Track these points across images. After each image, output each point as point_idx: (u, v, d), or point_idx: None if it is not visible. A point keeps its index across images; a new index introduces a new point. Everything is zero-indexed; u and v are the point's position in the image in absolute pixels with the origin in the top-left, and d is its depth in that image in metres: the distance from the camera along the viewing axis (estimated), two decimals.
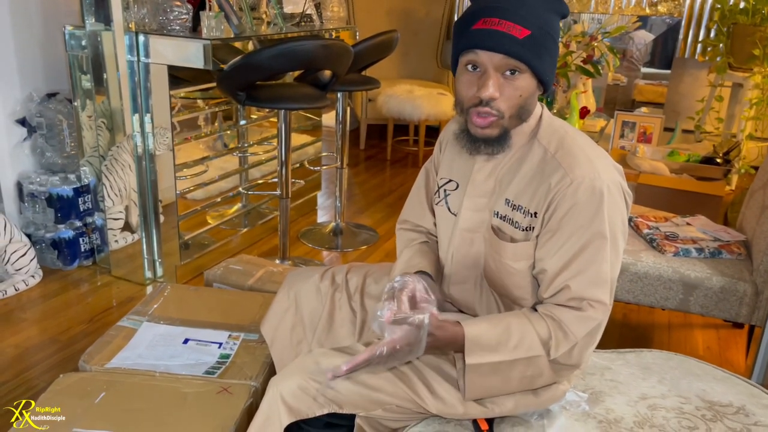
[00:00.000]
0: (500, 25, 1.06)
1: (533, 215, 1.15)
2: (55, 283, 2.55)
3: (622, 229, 1.15)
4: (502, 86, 1.10)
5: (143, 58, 2.31)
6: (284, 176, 2.58)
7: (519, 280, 1.20)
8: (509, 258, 1.19)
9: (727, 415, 1.24)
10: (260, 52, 2.21)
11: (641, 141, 3.86)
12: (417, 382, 1.18)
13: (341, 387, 1.17)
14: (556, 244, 1.13)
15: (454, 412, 1.18)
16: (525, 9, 1.07)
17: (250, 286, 2.15)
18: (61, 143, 2.62)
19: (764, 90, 3.57)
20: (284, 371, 1.21)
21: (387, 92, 4.42)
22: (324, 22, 3.03)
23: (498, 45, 1.06)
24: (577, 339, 1.11)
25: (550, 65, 1.12)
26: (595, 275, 1.11)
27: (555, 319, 1.12)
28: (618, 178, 1.15)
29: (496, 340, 1.11)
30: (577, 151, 1.14)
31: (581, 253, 1.11)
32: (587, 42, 3.38)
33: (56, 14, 2.62)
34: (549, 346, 1.11)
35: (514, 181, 1.19)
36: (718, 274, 1.89)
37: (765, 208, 1.98)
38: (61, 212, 2.57)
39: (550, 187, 1.12)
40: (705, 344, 2.30)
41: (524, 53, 1.07)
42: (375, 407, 1.19)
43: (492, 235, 1.21)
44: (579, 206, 1.10)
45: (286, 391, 1.16)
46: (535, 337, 1.11)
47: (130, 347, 1.69)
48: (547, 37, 1.09)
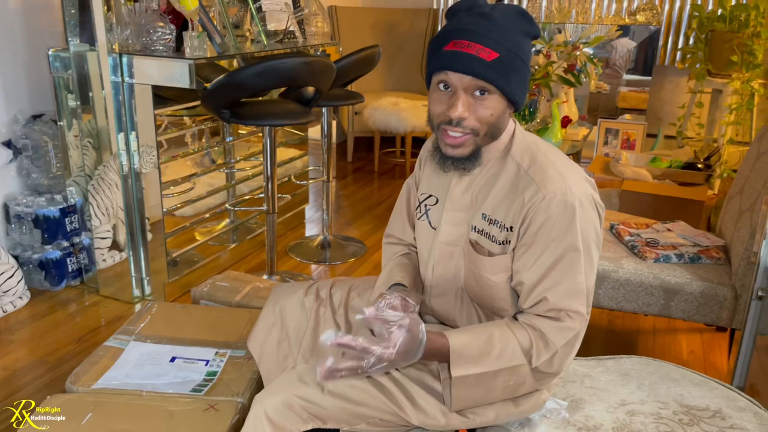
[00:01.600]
0: (469, 47, 1.10)
1: (509, 229, 1.18)
2: (43, 304, 2.56)
3: (596, 240, 1.18)
4: (472, 106, 1.13)
5: (127, 78, 2.33)
6: (270, 191, 2.60)
7: (498, 292, 1.23)
8: (487, 271, 1.21)
9: (704, 419, 1.27)
10: (243, 70, 2.23)
11: (625, 147, 3.91)
12: (399, 395, 1.20)
13: (324, 402, 1.18)
14: (531, 257, 1.15)
15: (436, 423, 1.20)
16: (495, 32, 1.11)
17: (237, 303, 2.16)
18: (47, 164, 2.63)
19: (743, 95, 3.63)
20: (268, 388, 1.22)
21: (373, 105, 4.46)
22: (307, 38, 3.06)
23: (467, 67, 1.10)
24: (557, 348, 1.14)
25: (519, 86, 1.15)
26: (570, 287, 1.14)
27: (536, 329, 1.15)
28: (590, 191, 1.19)
29: (479, 351, 1.13)
30: (548, 166, 1.17)
31: (556, 266, 1.14)
32: (569, 52, 3.44)
33: (40, 36, 2.64)
34: (531, 354, 1.14)
35: (490, 196, 1.22)
36: (698, 279, 1.92)
37: (742, 212, 2.02)
38: (48, 233, 2.58)
39: (524, 202, 1.16)
40: (689, 348, 2.33)
41: (492, 75, 1.10)
42: (358, 421, 1.20)
43: (470, 249, 1.24)
44: (552, 220, 1.13)
45: (270, 407, 1.17)
46: (517, 347, 1.14)
47: (117, 367, 1.70)
48: (516, 59, 1.12)
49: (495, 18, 1.11)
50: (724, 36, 3.67)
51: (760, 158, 2.04)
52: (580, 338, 1.17)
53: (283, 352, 1.45)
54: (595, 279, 1.19)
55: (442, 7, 5.14)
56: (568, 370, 1.35)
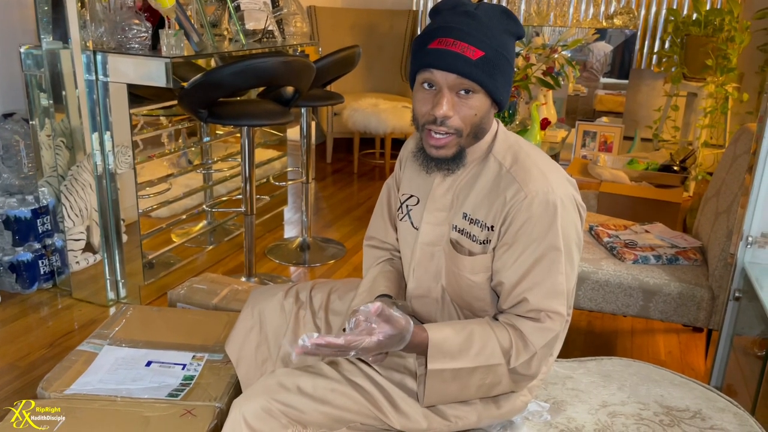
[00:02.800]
0: (455, 45, 1.08)
1: (490, 228, 1.17)
2: (14, 307, 2.49)
3: (577, 241, 1.18)
4: (457, 105, 1.12)
5: (102, 76, 2.28)
6: (248, 192, 2.56)
7: (478, 292, 1.22)
8: (467, 271, 1.20)
9: (684, 420, 1.27)
10: (221, 69, 2.20)
11: (602, 150, 3.94)
12: (381, 399, 1.18)
13: (305, 407, 1.16)
14: (512, 257, 1.15)
15: (418, 427, 1.19)
16: (480, 31, 1.10)
17: (214, 305, 2.13)
18: (18, 164, 2.57)
19: (717, 99, 3.68)
20: (247, 393, 1.20)
21: (352, 106, 4.44)
22: (286, 38, 3.04)
23: (452, 65, 1.09)
24: (536, 349, 1.13)
25: (503, 85, 1.14)
26: (551, 287, 1.13)
27: (516, 329, 1.14)
28: (571, 191, 1.18)
29: (458, 347, 1.12)
30: (530, 165, 1.16)
31: (537, 266, 1.13)
32: (547, 54, 3.46)
33: (12, 33, 2.57)
34: (510, 355, 1.13)
35: (471, 195, 1.21)
36: (676, 280, 1.94)
37: (718, 214, 2.04)
38: (19, 234, 2.51)
39: (506, 201, 1.15)
40: (667, 349, 2.35)
41: (477, 74, 1.09)
42: (339, 426, 1.18)
43: (450, 248, 1.23)
44: (533, 219, 1.12)
45: (249, 413, 1.15)
46: (497, 346, 1.13)
47: (91, 372, 1.66)
48: (501, 58, 1.11)
49: (480, 17, 1.11)
50: (699, 40, 3.72)
51: (735, 161, 2.07)
52: (560, 340, 1.16)
53: (261, 355, 1.43)
54: (575, 280, 1.19)
55: (421, 8, 5.14)
56: (549, 371, 1.34)
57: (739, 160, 2.03)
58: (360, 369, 1.23)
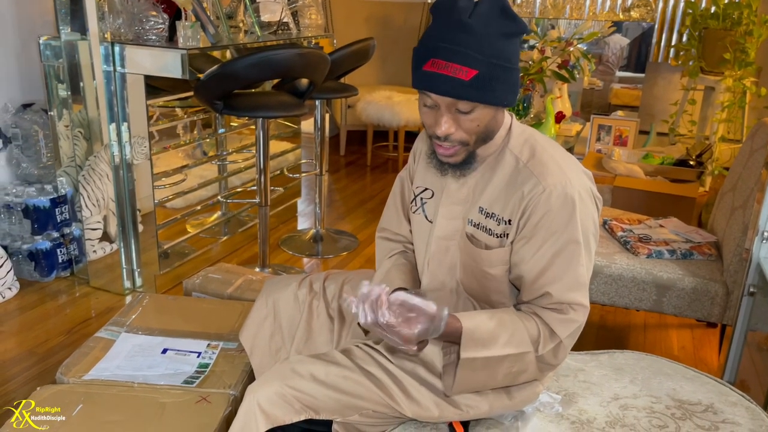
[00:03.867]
0: (447, 68, 1.06)
1: (507, 222, 1.18)
2: (33, 295, 2.53)
3: (594, 232, 1.18)
4: (458, 120, 1.12)
5: (119, 68, 2.30)
6: (263, 184, 2.58)
7: (497, 285, 1.22)
8: (485, 265, 1.21)
9: (696, 413, 1.27)
10: (236, 61, 2.21)
11: (617, 144, 3.92)
12: (392, 387, 1.20)
13: (317, 393, 1.18)
14: (531, 250, 1.15)
15: (429, 415, 1.20)
16: (473, 46, 1.06)
17: (229, 295, 2.15)
18: (37, 154, 2.60)
19: (735, 93, 3.64)
20: (261, 379, 1.22)
21: (366, 98, 4.44)
22: (301, 30, 3.04)
23: (445, 90, 1.07)
24: (561, 339, 1.14)
25: (505, 91, 1.11)
26: (573, 280, 1.14)
27: (542, 319, 1.15)
28: (588, 184, 1.19)
29: (489, 335, 1.12)
30: (547, 159, 1.17)
31: (557, 259, 1.14)
32: (563, 47, 3.43)
33: (31, 25, 2.60)
34: (538, 343, 1.14)
35: (487, 190, 1.21)
36: (690, 275, 1.93)
37: (734, 209, 2.03)
38: (38, 223, 2.55)
39: (524, 195, 1.15)
40: (680, 344, 2.34)
41: (472, 94, 1.07)
42: (351, 413, 1.20)
43: (467, 242, 1.23)
44: (552, 213, 1.13)
45: (263, 398, 1.17)
46: (525, 334, 1.14)
47: (108, 358, 1.69)
48: (497, 68, 1.08)
49: (473, 27, 1.06)
50: (717, 34, 3.67)
51: (752, 155, 2.05)
52: (581, 330, 1.17)
53: (275, 344, 1.45)
54: (592, 271, 1.20)
55: None
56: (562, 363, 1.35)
57: (756, 155, 2.02)
58: (372, 357, 1.24)
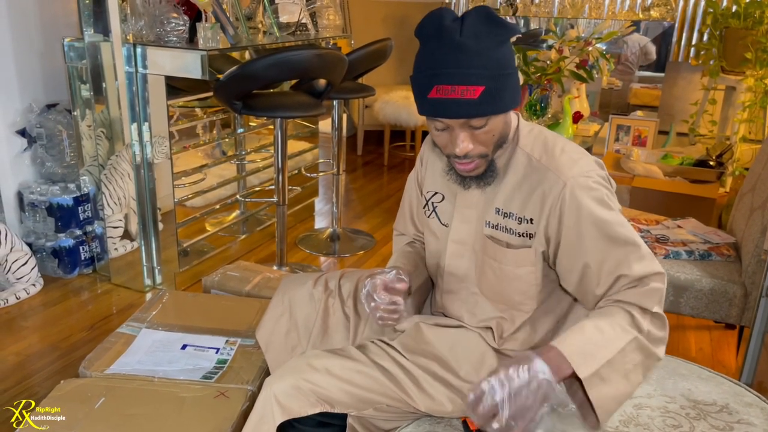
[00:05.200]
0: (454, 92, 1.06)
1: (529, 221, 1.19)
2: (56, 291, 2.59)
3: (619, 209, 1.19)
4: (473, 136, 1.13)
5: (141, 69, 2.35)
6: (281, 183, 2.61)
7: (520, 285, 1.23)
8: (511, 264, 1.22)
9: (711, 414, 1.27)
10: (255, 62, 2.24)
11: (636, 144, 3.89)
12: (406, 381, 1.21)
13: (332, 386, 1.20)
14: (577, 247, 1.15)
15: (443, 409, 1.21)
16: (473, 65, 1.06)
17: (247, 292, 2.18)
18: (60, 153, 2.66)
19: (756, 93, 3.60)
20: (278, 372, 1.25)
21: (383, 98, 4.46)
22: (319, 30, 3.07)
23: (457, 112, 1.08)
24: (653, 310, 1.11)
25: (512, 96, 1.12)
26: (636, 255, 1.13)
27: (624, 302, 1.12)
28: (600, 170, 1.20)
29: (593, 342, 1.05)
30: (559, 153, 1.18)
31: (610, 243, 1.13)
32: (581, 47, 3.42)
33: (55, 26, 2.66)
34: (636, 323, 1.10)
35: (501, 189, 1.22)
36: (708, 276, 1.92)
37: (754, 210, 2.01)
38: (62, 221, 2.61)
39: (545, 193, 1.16)
40: (698, 346, 2.33)
41: (483, 110, 1.08)
42: (366, 407, 1.22)
43: (488, 243, 1.24)
44: (582, 205, 1.14)
45: (279, 390, 1.20)
46: (622, 322, 1.08)
47: (129, 353, 1.72)
48: (501, 78, 1.09)
49: (469, 46, 1.06)
50: (738, 33, 3.64)
51: None
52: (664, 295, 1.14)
53: (291, 342, 1.46)
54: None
55: (454, 1, 5.12)
56: None
57: None
58: (386, 353, 1.26)
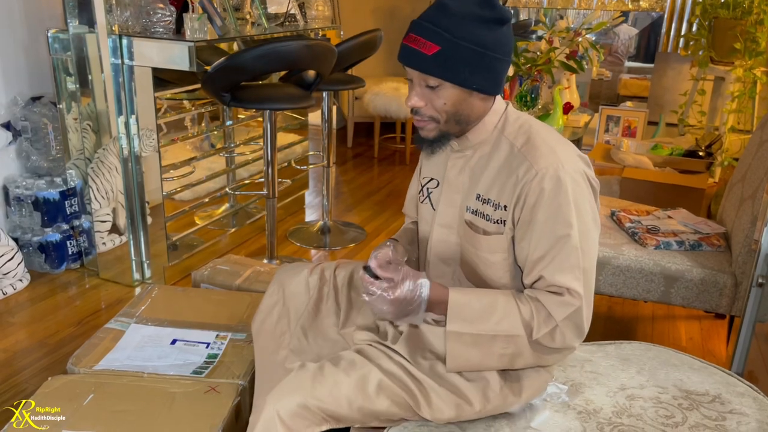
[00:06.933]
0: (415, 42, 1.14)
1: (503, 208, 1.19)
2: (43, 286, 2.56)
3: (593, 216, 1.18)
4: (428, 96, 1.17)
5: (127, 60, 2.31)
6: (270, 176, 2.59)
7: (496, 271, 1.23)
8: (485, 250, 1.22)
9: (703, 404, 1.27)
10: (243, 53, 2.22)
11: (626, 135, 3.90)
12: (414, 390, 1.19)
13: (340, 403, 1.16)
14: (528, 235, 1.16)
15: (448, 416, 1.19)
16: (443, 23, 1.12)
17: (237, 286, 2.16)
18: (46, 146, 2.62)
19: (745, 83, 3.61)
20: (281, 388, 1.18)
21: (373, 90, 4.44)
22: (308, 21, 3.04)
23: (410, 62, 1.15)
24: (557, 321, 1.13)
25: (474, 74, 1.14)
26: (564, 263, 1.13)
27: (538, 301, 1.15)
28: (582, 167, 1.19)
29: (479, 313, 1.15)
30: (540, 143, 1.18)
31: (551, 242, 1.14)
32: (571, 38, 3.41)
33: (39, 17, 2.61)
34: (531, 327, 1.14)
35: (484, 176, 1.23)
36: (699, 266, 1.93)
37: (743, 200, 2.02)
38: (48, 215, 2.57)
39: (518, 180, 1.16)
40: (688, 335, 2.34)
41: (433, 69, 1.13)
42: (373, 420, 1.21)
43: (466, 229, 1.25)
44: (545, 196, 1.13)
45: (284, 409, 1.14)
46: (518, 317, 1.14)
47: (119, 349, 1.70)
48: (463, 49, 1.12)
49: (449, 7, 1.13)
50: (728, 23, 3.64)
51: (762, 146, 2.04)
52: (582, 315, 1.14)
53: (280, 328, 1.44)
54: (595, 254, 1.18)
55: None
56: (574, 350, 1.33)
57: (766, 145, 2.00)
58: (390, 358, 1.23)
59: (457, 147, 1.26)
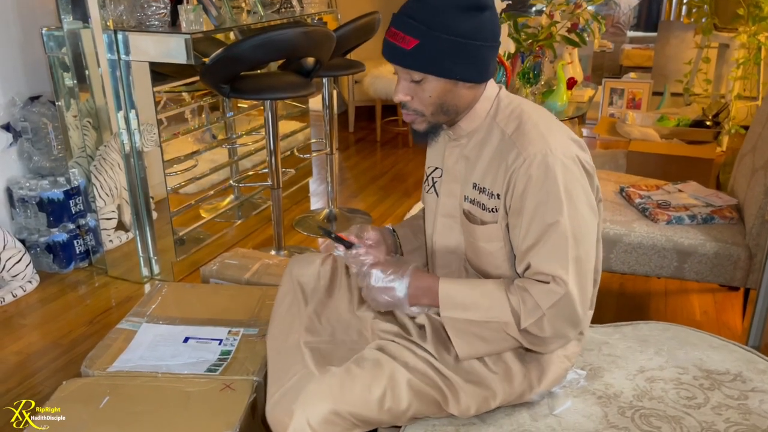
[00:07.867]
0: (395, 37, 1.12)
1: (497, 196, 1.17)
2: (53, 286, 2.55)
3: (587, 201, 1.14)
4: (413, 89, 1.16)
5: (124, 55, 2.28)
6: (274, 166, 2.56)
7: (495, 260, 1.22)
8: (482, 240, 1.21)
9: (725, 383, 1.26)
10: (241, 43, 2.18)
11: (630, 107, 3.85)
12: (442, 388, 1.18)
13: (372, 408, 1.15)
14: (519, 222, 1.14)
15: (470, 413, 1.18)
16: (421, 16, 1.10)
17: (246, 280, 2.15)
18: (47, 146, 2.60)
19: (750, 49, 3.56)
20: (309, 395, 1.15)
21: (373, 73, 4.39)
22: (304, 6, 2.99)
23: (392, 57, 1.14)
24: (543, 310, 1.10)
25: (457, 64, 1.12)
26: (552, 250, 1.10)
27: (525, 290, 1.12)
28: (575, 151, 1.15)
29: (470, 301, 1.16)
30: (530, 128, 1.14)
31: (542, 230, 1.11)
32: (571, 10, 3.35)
33: (32, 15, 2.57)
34: (518, 315, 1.12)
35: (478, 165, 1.21)
36: (712, 239, 1.90)
37: (755, 171, 1.99)
38: (53, 216, 2.56)
39: (507, 167, 1.14)
40: (702, 309, 2.32)
41: (413, 63, 1.12)
42: (401, 420, 1.20)
43: (464, 219, 1.24)
44: (534, 183, 1.11)
45: (315, 418, 1.12)
46: (507, 305, 1.13)
47: (131, 349, 1.69)
48: (442, 41, 1.10)
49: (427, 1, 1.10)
50: None
51: None
52: (570, 303, 1.10)
53: (291, 315, 1.41)
54: (593, 240, 1.15)
55: None
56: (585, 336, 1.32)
57: None
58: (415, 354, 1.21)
59: (453, 135, 1.24)
